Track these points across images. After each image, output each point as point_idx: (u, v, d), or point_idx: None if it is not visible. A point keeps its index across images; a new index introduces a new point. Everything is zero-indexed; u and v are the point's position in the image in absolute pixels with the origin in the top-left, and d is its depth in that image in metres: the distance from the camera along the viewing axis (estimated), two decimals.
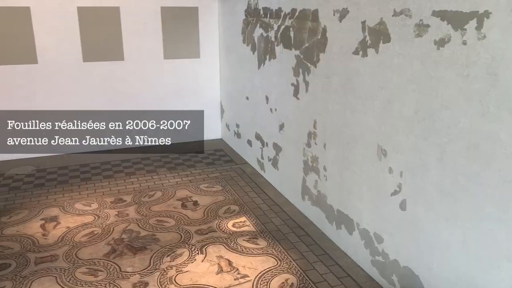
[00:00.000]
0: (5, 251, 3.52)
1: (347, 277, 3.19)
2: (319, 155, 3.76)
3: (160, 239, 3.71)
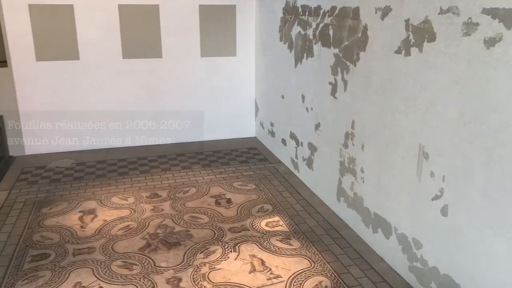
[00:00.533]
0: (45, 241, 3.63)
1: (383, 282, 3.11)
2: (356, 157, 3.68)
3: (193, 235, 3.73)
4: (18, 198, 4.47)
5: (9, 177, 5.03)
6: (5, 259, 3.37)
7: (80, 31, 5.57)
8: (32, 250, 3.50)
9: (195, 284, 3.05)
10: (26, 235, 3.72)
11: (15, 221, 3.97)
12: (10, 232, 3.78)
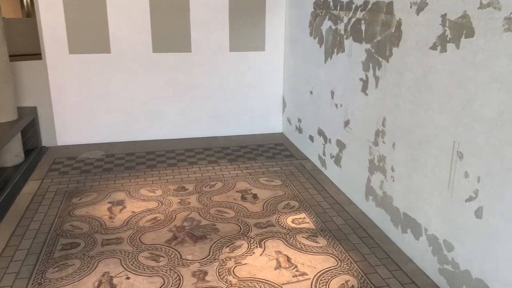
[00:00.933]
0: (75, 230, 3.71)
1: (411, 283, 3.04)
2: (386, 155, 3.60)
3: (219, 229, 3.74)
4: (49, 187, 4.59)
5: (42, 167, 5.16)
6: (37, 246, 3.46)
7: (111, 24, 5.66)
8: (62, 238, 3.58)
9: (221, 278, 3.06)
10: (57, 224, 3.81)
11: (47, 210, 4.07)
12: (42, 220, 3.88)
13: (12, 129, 4.86)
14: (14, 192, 4.42)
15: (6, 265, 3.21)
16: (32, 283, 2.99)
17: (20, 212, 4.03)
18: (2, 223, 3.81)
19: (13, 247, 3.44)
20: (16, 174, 4.83)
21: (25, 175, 4.87)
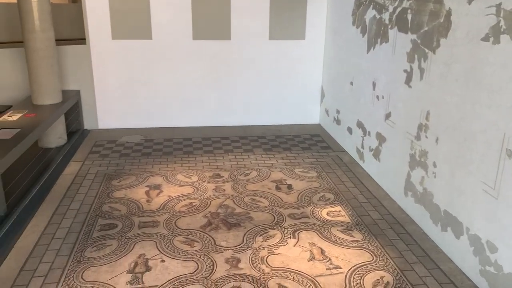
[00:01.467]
0: (114, 212, 3.81)
1: (449, 283, 2.93)
2: (429, 150, 3.48)
3: (253, 218, 3.73)
4: (90, 169, 4.72)
5: (83, 149, 5.32)
6: (77, 226, 3.57)
7: (153, 11, 5.72)
8: (101, 219, 3.68)
9: (254, 266, 3.06)
10: (96, 205, 3.92)
11: (87, 191, 4.19)
12: (82, 201, 4.00)
13: (56, 111, 5.02)
14: (57, 173, 4.58)
15: (48, 242, 3.33)
16: (71, 260, 3.10)
17: (62, 192, 4.18)
18: (45, 202, 3.96)
19: (54, 225, 3.57)
20: (59, 155, 5.00)
21: (67, 157, 5.03)
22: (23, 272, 2.96)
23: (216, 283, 2.87)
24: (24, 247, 3.25)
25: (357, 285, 2.87)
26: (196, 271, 2.99)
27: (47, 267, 3.02)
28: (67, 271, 2.97)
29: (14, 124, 4.42)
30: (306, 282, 2.89)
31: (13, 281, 2.86)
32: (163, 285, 2.84)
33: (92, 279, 2.89)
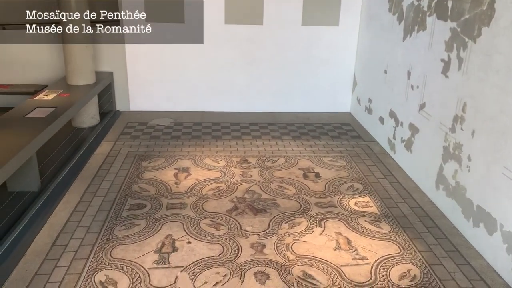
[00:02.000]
0: (143, 192, 3.87)
1: (479, 280, 2.85)
2: (464, 143, 3.36)
3: (280, 204, 3.72)
4: (121, 150, 4.81)
5: (115, 130, 5.42)
6: (107, 204, 3.65)
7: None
8: (130, 199, 3.75)
9: (279, 252, 3.06)
10: (126, 185, 3.99)
11: (118, 171, 4.28)
12: (113, 180, 4.08)
13: (90, 92, 5.12)
14: (89, 152, 4.69)
15: (79, 219, 3.42)
16: (101, 238, 3.17)
17: (93, 171, 4.28)
18: (77, 180, 4.07)
19: (85, 203, 3.67)
20: (92, 135, 5.12)
21: (99, 137, 5.14)
22: (55, 246, 3.06)
23: (241, 267, 2.89)
24: (56, 223, 3.35)
25: (383, 277, 2.83)
26: (221, 254, 3.01)
27: (77, 243, 3.11)
28: (96, 248, 3.05)
29: (49, 103, 4.54)
30: (331, 271, 2.87)
31: (45, 255, 2.96)
32: (188, 266, 2.88)
33: (120, 257, 2.96)
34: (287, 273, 2.84)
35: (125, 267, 2.85)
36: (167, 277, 2.76)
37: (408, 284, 2.77)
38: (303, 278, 2.80)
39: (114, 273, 2.79)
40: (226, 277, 2.79)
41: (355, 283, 2.77)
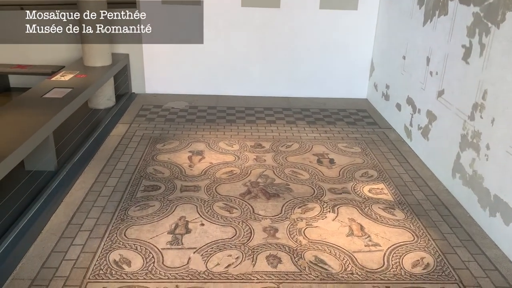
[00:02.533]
0: (157, 174, 3.90)
1: (494, 270, 2.82)
2: (483, 131, 3.29)
3: (293, 189, 3.72)
4: (136, 132, 4.84)
5: (131, 112, 5.45)
6: (122, 185, 3.69)
7: None
8: (145, 180, 3.78)
9: (291, 237, 3.06)
10: (141, 167, 4.03)
11: (133, 153, 4.31)
12: (128, 162, 4.12)
13: (106, 74, 5.14)
14: (105, 133, 4.73)
15: (94, 199, 3.47)
16: (116, 218, 3.22)
17: (109, 152, 4.32)
18: (92, 161, 4.11)
19: (101, 183, 3.71)
20: (107, 117, 5.15)
21: (115, 118, 5.18)
22: (70, 225, 3.11)
23: (253, 250, 2.90)
24: (72, 202, 3.40)
25: (395, 264, 2.82)
26: (234, 237, 3.03)
27: (92, 222, 3.16)
28: (111, 227, 3.10)
29: (66, 84, 4.58)
30: (343, 257, 2.87)
31: (61, 233, 3.02)
32: (201, 247, 2.90)
33: (134, 237, 3.00)
34: (299, 258, 2.84)
35: (139, 247, 2.89)
36: (180, 258, 2.79)
37: (421, 272, 2.75)
38: (315, 263, 2.81)
39: (128, 252, 2.84)
40: (238, 259, 2.80)
41: (367, 270, 2.76)
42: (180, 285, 2.57)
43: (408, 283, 2.65)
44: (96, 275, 2.62)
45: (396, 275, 2.72)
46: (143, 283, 2.57)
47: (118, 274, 2.64)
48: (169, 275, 2.64)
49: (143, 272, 2.66)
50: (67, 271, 2.65)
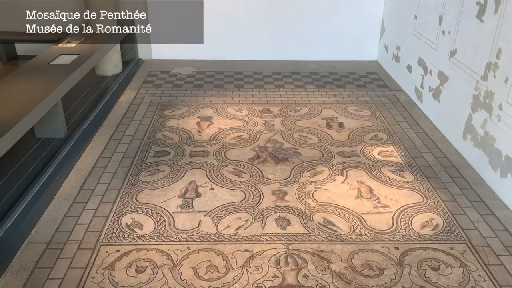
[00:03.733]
0: (166, 140, 3.91)
1: (504, 230, 2.82)
2: (496, 91, 3.22)
3: (302, 153, 3.71)
4: (144, 98, 4.83)
5: (138, 78, 5.42)
6: (132, 151, 3.71)
7: None
8: (154, 146, 3.80)
9: (300, 199, 3.08)
10: (150, 133, 4.04)
11: (141, 119, 4.32)
12: (137, 128, 4.13)
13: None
14: (113, 100, 4.73)
15: (105, 164, 3.51)
16: (126, 183, 3.25)
17: (118, 118, 4.33)
18: (102, 127, 4.13)
19: (111, 149, 3.74)
20: (115, 83, 5.14)
21: (122, 85, 5.16)
22: (82, 191, 3.16)
23: (262, 213, 2.93)
24: (83, 168, 3.44)
25: (404, 225, 2.83)
26: (243, 200, 3.06)
27: (104, 187, 3.20)
28: (122, 192, 3.14)
29: (72, 50, 4.54)
30: (352, 219, 2.89)
31: (74, 198, 3.07)
32: (211, 211, 2.94)
33: (145, 201, 3.04)
34: (308, 220, 2.87)
35: (150, 211, 2.93)
36: (191, 221, 2.84)
37: (430, 233, 2.77)
38: (324, 224, 2.83)
39: (139, 216, 2.88)
40: (248, 222, 2.84)
41: (376, 231, 2.78)
42: (191, 246, 2.62)
43: (417, 244, 2.67)
44: (109, 238, 2.68)
45: (405, 236, 2.74)
46: (155, 245, 2.62)
47: (130, 237, 2.69)
48: (181, 237, 2.69)
49: (155, 235, 2.71)
50: (81, 235, 2.71)
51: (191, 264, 2.48)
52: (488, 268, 2.49)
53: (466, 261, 2.54)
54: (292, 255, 2.56)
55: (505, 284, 2.38)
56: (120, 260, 2.50)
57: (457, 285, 2.37)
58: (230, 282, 2.37)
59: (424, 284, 2.37)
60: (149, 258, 2.52)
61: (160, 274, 2.41)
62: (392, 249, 2.63)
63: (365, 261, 2.53)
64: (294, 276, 2.41)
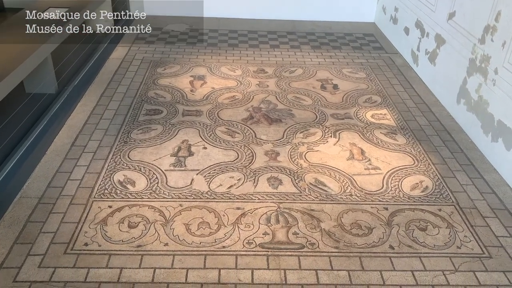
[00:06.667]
0: (159, 98, 3.87)
1: (491, 193, 2.87)
2: (492, 55, 3.19)
3: (295, 115, 3.70)
4: (136, 55, 4.73)
5: (129, 35, 5.28)
6: (123, 109, 3.67)
7: None
8: (147, 104, 3.76)
9: (292, 160, 3.09)
10: (142, 91, 3.98)
11: (133, 76, 4.24)
12: (129, 85, 4.07)
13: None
14: (104, 56, 4.63)
15: (97, 121, 3.47)
16: (118, 140, 3.23)
17: (109, 75, 4.25)
18: (93, 84, 4.06)
19: (102, 106, 3.69)
20: (106, 39, 5.01)
21: (114, 41, 5.03)
22: (74, 147, 3.14)
23: (255, 172, 2.95)
24: (74, 125, 3.41)
25: (394, 187, 2.87)
26: (236, 160, 3.07)
27: (95, 144, 3.18)
28: (114, 149, 3.13)
29: (61, 3, 4.38)
30: (342, 179, 2.92)
31: (65, 154, 3.05)
32: (204, 169, 2.95)
33: (138, 158, 3.03)
34: (300, 180, 2.89)
35: (142, 169, 2.93)
36: (184, 179, 2.85)
37: (419, 195, 2.81)
38: (315, 184, 2.86)
39: (132, 173, 2.89)
40: (240, 181, 2.86)
41: (366, 191, 2.82)
42: (184, 203, 2.64)
43: (406, 205, 2.72)
44: (101, 194, 2.69)
45: (394, 197, 2.78)
46: (147, 202, 2.64)
47: (123, 193, 2.70)
48: (173, 194, 2.71)
49: (147, 192, 2.72)
50: (73, 190, 2.71)
51: (183, 221, 2.51)
52: (474, 229, 2.56)
53: (453, 222, 2.60)
54: (283, 213, 2.60)
55: (489, 245, 2.45)
56: (112, 216, 2.53)
57: (443, 244, 2.43)
58: (221, 238, 2.41)
59: (411, 243, 2.43)
60: (142, 214, 2.55)
61: (153, 230, 2.44)
62: (381, 209, 2.67)
63: (354, 221, 2.57)
64: (284, 233, 2.46)
